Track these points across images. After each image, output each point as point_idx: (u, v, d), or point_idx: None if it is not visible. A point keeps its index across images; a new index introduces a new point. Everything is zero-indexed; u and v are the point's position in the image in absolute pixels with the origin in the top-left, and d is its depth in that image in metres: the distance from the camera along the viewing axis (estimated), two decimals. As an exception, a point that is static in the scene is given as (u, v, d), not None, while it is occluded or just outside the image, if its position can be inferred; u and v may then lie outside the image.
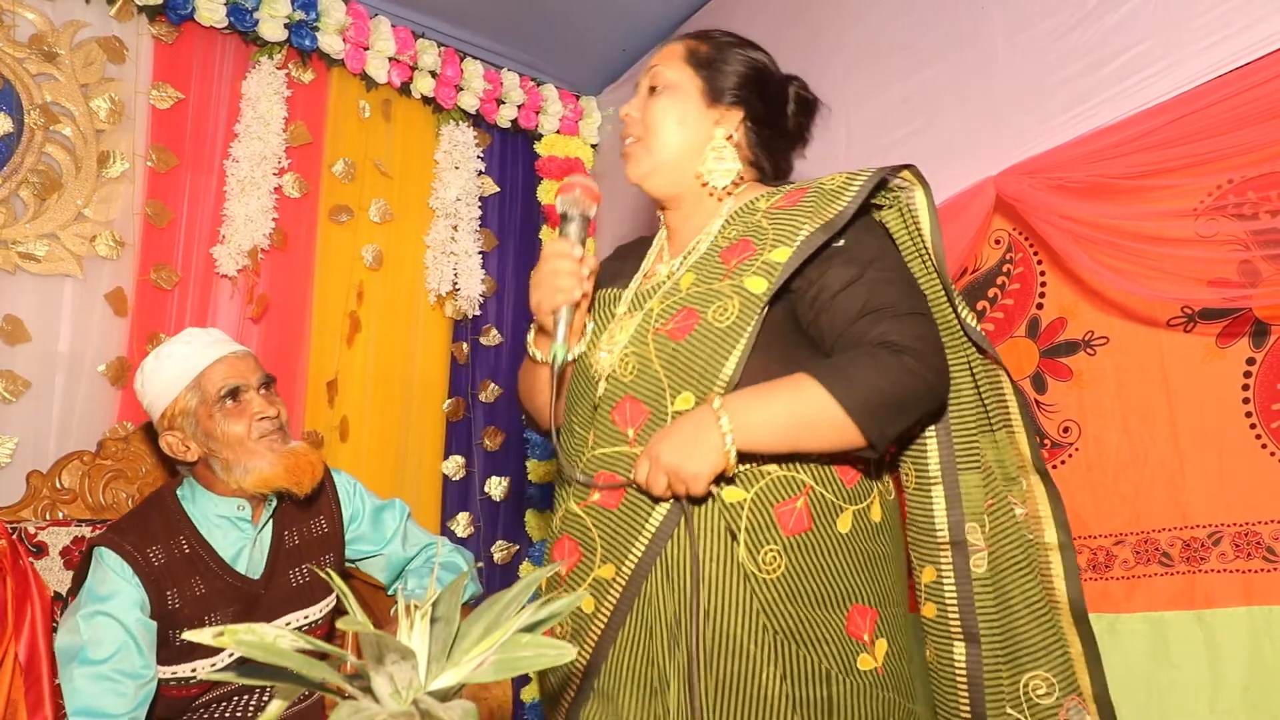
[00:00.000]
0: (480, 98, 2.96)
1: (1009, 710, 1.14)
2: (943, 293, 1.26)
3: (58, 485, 1.96)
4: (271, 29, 2.51)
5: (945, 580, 1.19)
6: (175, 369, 1.60)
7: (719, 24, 2.75)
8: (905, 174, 1.27)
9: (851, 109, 2.23)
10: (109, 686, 1.41)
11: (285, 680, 0.63)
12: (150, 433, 2.11)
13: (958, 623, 1.18)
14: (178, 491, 1.64)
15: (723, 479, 1.12)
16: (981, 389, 1.25)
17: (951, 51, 2.01)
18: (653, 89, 1.35)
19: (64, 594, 1.81)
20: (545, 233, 3.13)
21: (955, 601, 1.18)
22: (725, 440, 1.07)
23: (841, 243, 1.19)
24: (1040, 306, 1.79)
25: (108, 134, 2.28)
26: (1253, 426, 1.47)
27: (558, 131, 3.16)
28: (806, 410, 1.08)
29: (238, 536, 1.62)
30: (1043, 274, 1.80)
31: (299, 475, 1.58)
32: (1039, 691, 1.14)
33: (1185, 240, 1.51)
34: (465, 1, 2.77)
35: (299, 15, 2.55)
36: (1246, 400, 1.48)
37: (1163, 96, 1.58)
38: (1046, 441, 1.74)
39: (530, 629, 0.67)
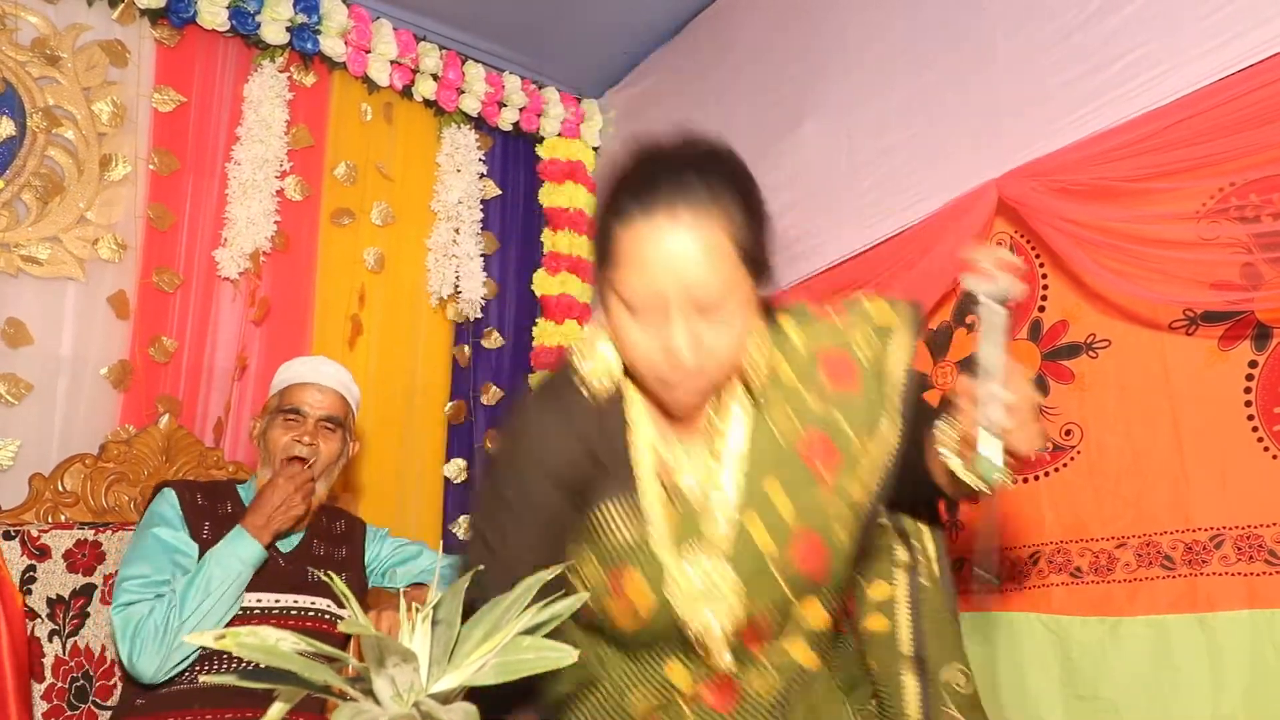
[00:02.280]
0: (482, 100, 2.96)
1: (941, 708, 1.15)
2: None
3: (60, 488, 1.96)
4: (273, 32, 2.51)
5: (899, 597, 1.19)
6: (283, 376, 1.90)
7: (719, 26, 2.77)
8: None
9: (852, 111, 2.23)
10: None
11: (287, 683, 0.63)
12: (150, 436, 2.11)
13: (909, 640, 1.17)
14: (238, 484, 1.88)
15: None
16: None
17: (952, 54, 2.01)
18: (701, 308, 0.93)
19: (66, 596, 1.81)
20: (547, 235, 3.13)
21: (909, 620, 1.18)
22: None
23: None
24: (1042, 309, 1.79)
25: (110, 137, 2.29)
26: (1255, 429, 1.47)
27: (559, 134, 3.16)
28: None
29: None
30: (1045, 277, 1.80)
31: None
32: (958, 682, 1.16)
33: (1187, 243, 1.51)
34: (467, 4, 2.78)
35: (301, 18, 2.56)
36: (1249, 403, 1.48)
37: (1165, 99, 1.58)
38: (1049, 444, 1.74)
39: (531, 632, 0.67)
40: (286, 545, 1.81)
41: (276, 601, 1.74)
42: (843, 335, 1.09)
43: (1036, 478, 1.75)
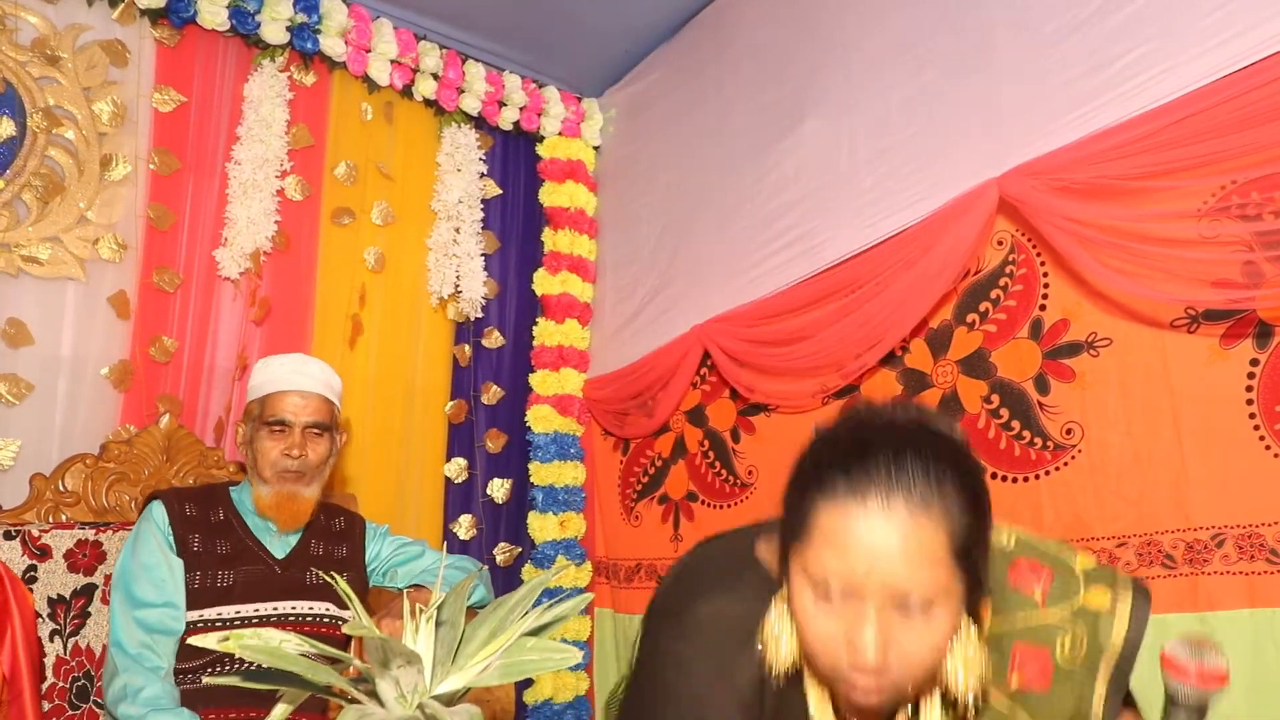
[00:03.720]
0: (482, 100, 2.96)
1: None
2: None
3: (61, 488, 1.96)
4: (273, 32, 2.51)
5: None
6: (262, 378, 1.86)
7: (719, 25, 2.77)
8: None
9: (852, 111, 2.23)
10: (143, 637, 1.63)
11: (291, 685, 0.63)
12: (151, 436, 2.11)
13: None
14: (231, 486, 1.87)
15: None
16: None
17: (953, 52, 2.01)
18: (901, 608, 0.81)
19: (67, 596, 1.81)
20: (548, 235, 3.13)
21: None
22: None
23: None
24: (1043, 308, 1.79)
25: (110, 137, 2.28)
26: (1256, 428, 1.47)
27: (560, 133, 3.16)
28: None
29: (265, 527, 1.81)
30: (1046, 275, 1.80)
31: (280, 514, 1.78)
32: None
33: (1188, 241, 1.51)
34: (467, 3, 2.77)
35: (301, 18, 2.55)
36: (1250, 401, 1.48)
37: (1166, 98, 1.58)
38: (1050, 443, 1.74)
39: (535, 633, 0.67)
40: (283, 549, 1.81)
41: (274, 609, 1.73)
42: (1047, 630, 0.95)
43: (1037, 476, 1.75)
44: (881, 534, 0.80)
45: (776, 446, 2.35)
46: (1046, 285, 1.80)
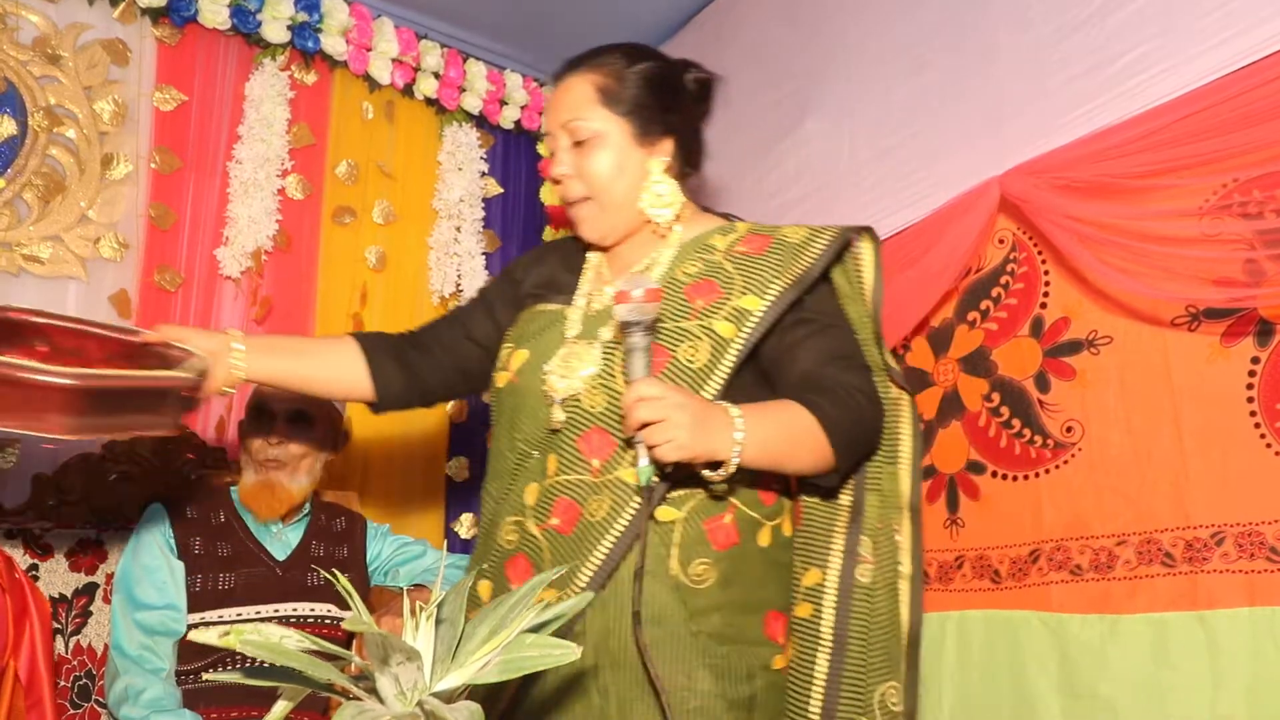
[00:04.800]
0: (483, 99, 2.96)
1: (860, 717, 1.21)
2: (873, 336, 1.37)
3: (62, 487, 1.97)
4: (274, 31, 2.51)
5: (829, 584, 1.25)
6: None
7: (720, 24, 2.77)
8: (864, 235, 1.37)
9: (853, 110, 2.23)
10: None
11: (291, 681, 0.63)
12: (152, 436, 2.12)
13: (830, 626, 1.23)
14: (232, 486, 1.87)
15: (663, 493, 1.17)
16: (889, 426, 1.34)
17: (954, 51, 2.01)
18: (578, 143, 1.31)
19: (69, 595, 1.81)
20: (549, 233, 3.13)
21: (834, 605, 1.24)
22: (733, 445, 1.10)
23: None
24: (1044, 306, 1.79)
25: (111, 136, 2.29)
26: (1257, 426, 1.47)
27: (560, 132, 3.16)
28: (800, 436, 1.17)
29: (263, 527, 1.81)
30: (1046, 273, 1.80)
31: (256, 503, 1.79)
32: (893, 700, 1.23)
33: (1190, 239, 1.51)
34: (468, 2, 2.77)
35: (302, 17, 2.55)
36: (1251, 400, 1.48)
37: (1167, 96, 1.58)
38: (1050, 441, 1.74)
39: (535, 630, 0.67)
40: (283, 550, 1.81)
41: (275, 611, 1.74)
42: (778, 228, 1.32)
43: (1037, 475, 1.75)
44: (560, 93, 1.34)
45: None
46: (1047, 284, 1.80)
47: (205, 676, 0.94)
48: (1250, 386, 1.48)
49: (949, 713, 1.79)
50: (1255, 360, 1.48)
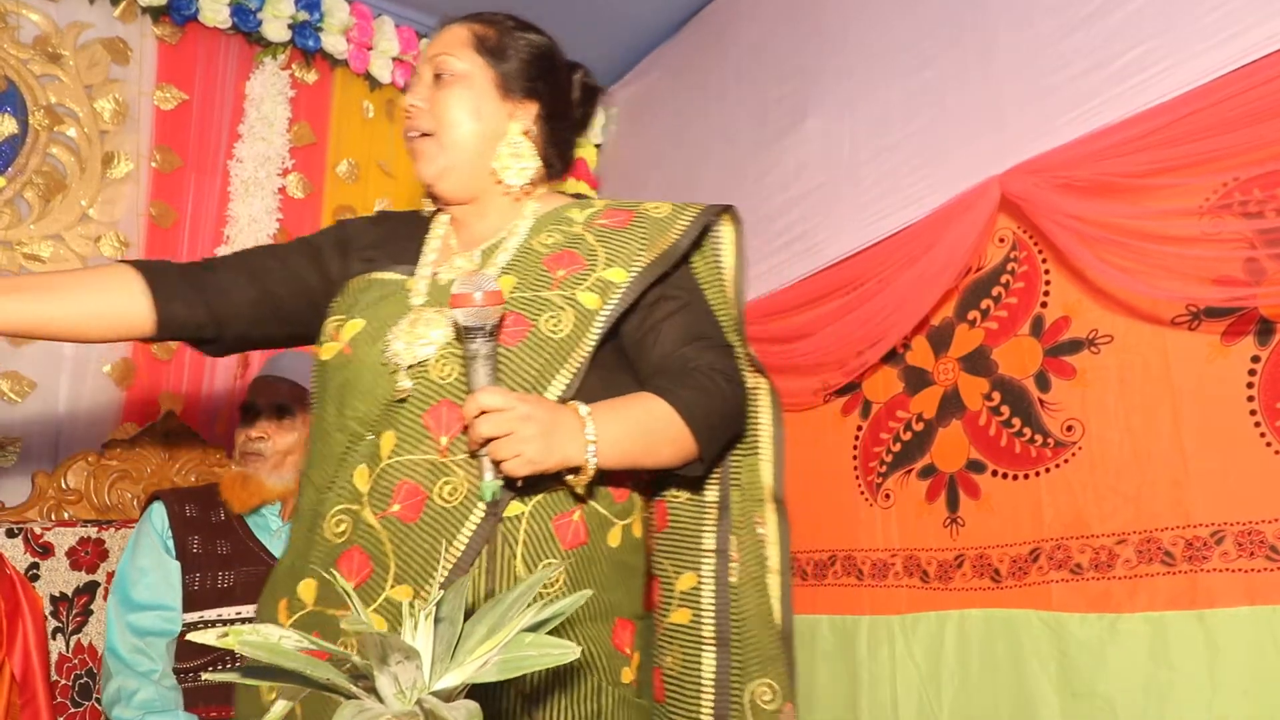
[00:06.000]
0: (483, 97, 2.96)
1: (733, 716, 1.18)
2: (733, 323, 1.31)
3: (63, 486, 1.97)
4: (275, 29, 2.51)
5: (705, 587, 1.22)
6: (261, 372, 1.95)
7: (720, 23, 2.77)
8: (725, 216, 1.28)
9: (854, 108, 2.23)
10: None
11: (289, 680, 0.63)
12: (153, 434, 2.12)
13: (711, 628, 1.20)
14: None
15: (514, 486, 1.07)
16: (748, 415, 1.29)
17: (954, 50, 2.01)
18: (438, 77, 1.23)
19: (70, 594, 1.81)
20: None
21: (712, 607, 1.21)
22: (588, 450, 1.04)
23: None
24: (1044, 305, 1.79)
25: (112, 135, 2.29)
26: (1257, 425, 1.47)
27: (561, 131, 3.16)
28: (658, 428, 1.11)
29: (263, 525, 1.83)
30: (1047, 272, 1.80)
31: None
32: (765, 698, 1.20)
33: (1190, 238, 1.51)
34: (468, 2, 2.77)
35: (302, 15, 2.55)
36: (1251, 399, 1.48)
37: (1168, 95, 1.57)
38: (1050, 440, 1.74)
39: (533, 629, 0.67)
40: (282, 549, 1.80)
41: None
42: (640, 203, 1.26)
43: (1038, 474, 1.75)
44: (436, 36, 1.29)
45: (777, 444, 2.34)
46: (1048, 283, 1.79)
47: (204, 676, 0.94)
48: (1250, 385, 1.48)
49: (949, 712, 1.79)
50: (1255, 359, 1.48)
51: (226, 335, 1.22)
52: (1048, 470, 1.74)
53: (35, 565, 1.77)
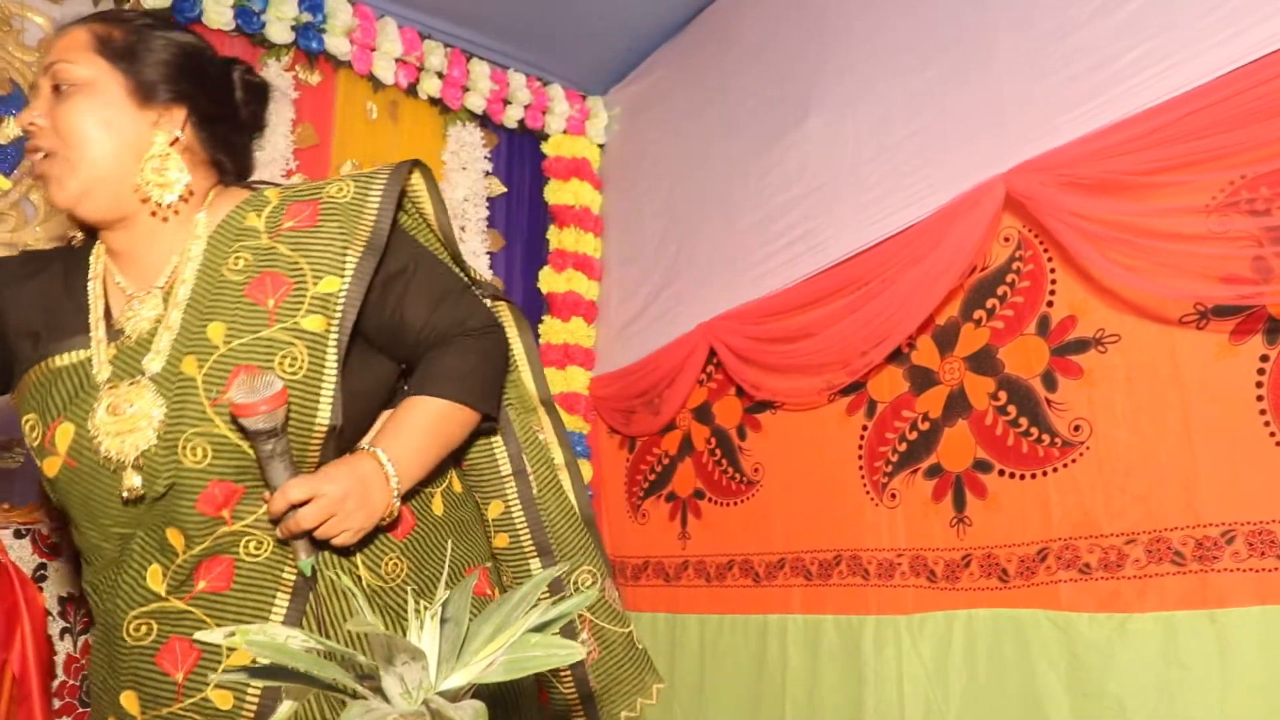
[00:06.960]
0: (487, 98, 2.96)
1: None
2: (454, 259, 1.33)
3: (69, 487, 1.97)
4: (278, 31, 2.51)
5: (513, 509, 1.29)
6: None
7: (723, 22, 2.77)
8: (415, 171, 1.26)
9: (856, 108, 2.22)
10: None
11: (296, 681, 0.63)
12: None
13: (530, 543, 1.28)
14: None
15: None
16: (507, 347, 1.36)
17: (957, 48, 2.00)
18: (57, 89, 1.09)
19: (78, 595, 1.81)
20: (553, 233, 3.13)
21: (525, 524, 1.28)
22: (393, 493, 1.08)
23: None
24: (1050, 304, 1.79)
25: (117, 137, 2.29)
26: (1266, 424, 1.46)
27: (565, 131, 3.16)
28: (445, 426, 1.15)
29: None
30: (1053, 271, 1.79)
31: None
32: (586, 583, 1.31)
33: (1197, 237, 1.51)
34: (471, 2, 2.78)
35: (305, 17, 2.56)
36: (1260, 397, 1.47)
37: (1173, 92, 1.57)
38: (1058, 440, 1.73)
39: (539, 629, 0.67)
40: None
41: None
42: (320, 188, 1.17)
43: (1045, 473, 1.75)
44: (57, 39, 1.12)
45: (783, 444, 2.34)
46: (1054, 282, 1.79)
47: (210, 677, 0.94)
48: (1259, 384, 1.47)
49: (956, 713, 1.79)
50: (1264, 358, 1.47)
51: None
52: (1055, 470, 1.73)
53: (43, 566, 1.78)
